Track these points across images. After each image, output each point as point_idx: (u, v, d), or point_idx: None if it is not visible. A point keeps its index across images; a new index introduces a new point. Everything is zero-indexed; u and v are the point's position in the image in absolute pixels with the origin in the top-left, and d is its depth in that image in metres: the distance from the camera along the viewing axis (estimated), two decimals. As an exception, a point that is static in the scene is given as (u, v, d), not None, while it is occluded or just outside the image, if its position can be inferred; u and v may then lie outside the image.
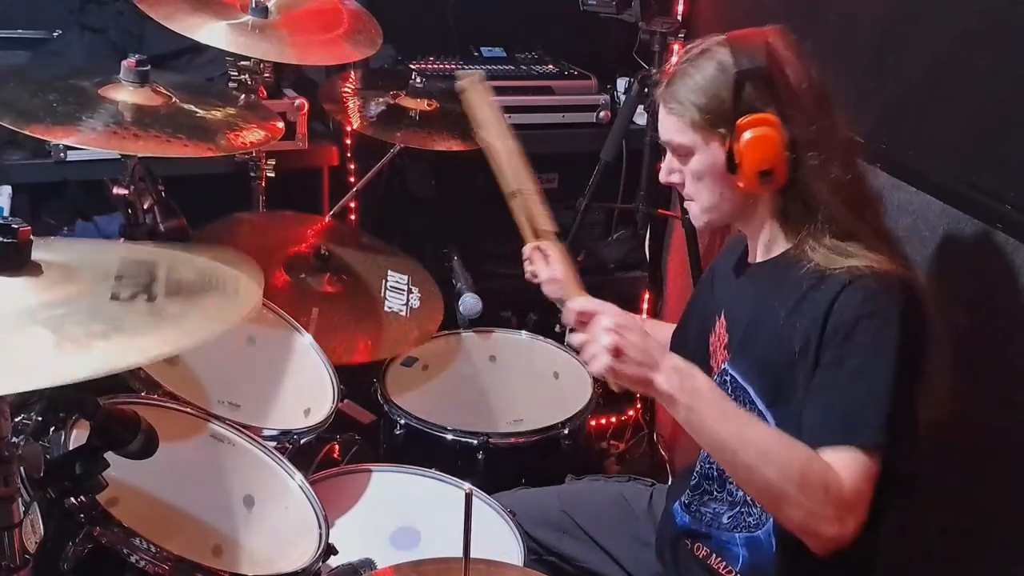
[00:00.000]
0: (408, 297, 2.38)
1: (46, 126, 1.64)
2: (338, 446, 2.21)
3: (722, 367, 1.69)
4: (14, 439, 1.20)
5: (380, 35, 2.28)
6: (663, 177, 1.66)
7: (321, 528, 1.64)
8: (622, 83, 2.97)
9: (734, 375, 1.64)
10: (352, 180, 2.74)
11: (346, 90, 2.51)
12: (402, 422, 2.18)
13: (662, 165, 1.67)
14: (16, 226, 1.10)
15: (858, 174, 1.56)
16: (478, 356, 2.51)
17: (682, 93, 1.55)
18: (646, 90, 2.61)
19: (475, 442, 2.12)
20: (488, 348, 2.48)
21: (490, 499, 1.89)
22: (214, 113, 1.88)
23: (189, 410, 1.74)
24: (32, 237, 1.13)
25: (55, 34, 2.68)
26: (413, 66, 2.79)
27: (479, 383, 2.50)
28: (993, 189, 1.70)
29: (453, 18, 2.95)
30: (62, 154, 2.40)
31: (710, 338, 1.75)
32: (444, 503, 1.92)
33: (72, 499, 1.38)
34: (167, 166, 1.94)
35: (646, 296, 3.06)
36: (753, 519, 1.64)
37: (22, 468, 1.20)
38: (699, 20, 2.82)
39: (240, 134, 1.85)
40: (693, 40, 1.61)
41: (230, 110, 1.94)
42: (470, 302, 2.33)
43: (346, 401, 2.15)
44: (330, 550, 1.62)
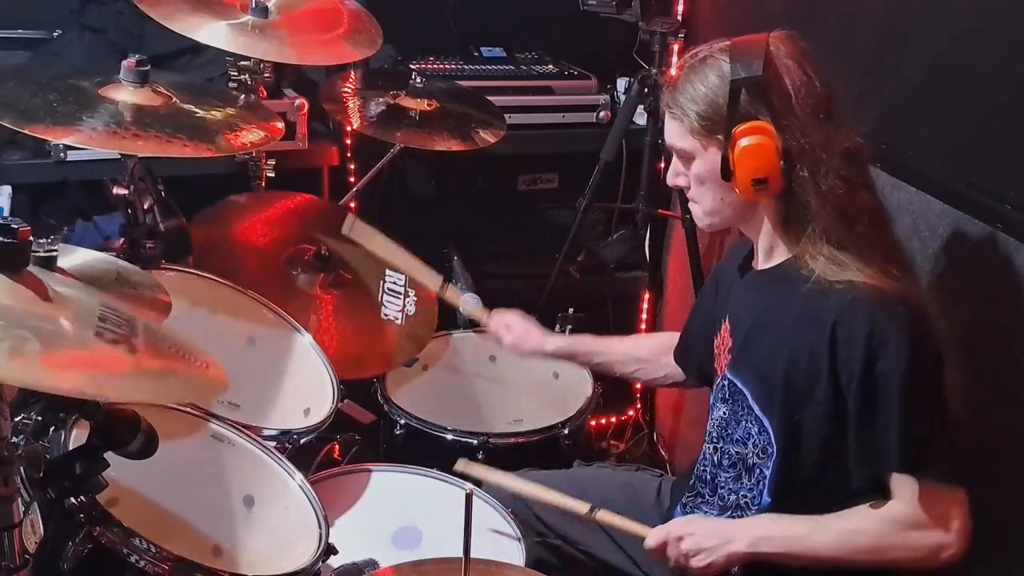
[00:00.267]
0: (404, 302, 2.37)
1: (46, 126, 1.64)
2: (338, 446, 2.21)
3: (723, 372, 1.70)
4: (14, 439, 1.20)
5: (380, 35, 2.27)
6: (670, 180, 1.69)
7: (321, 528, 1.64)
8: (622, 83, 2.97)
9: (732, 380, 1.66)
10: (352, 180, 2.74)
11: (346, 90, 2.51)
12: (402, 422, 2.18)
13: (669, 168, 1.69)
14: (16, 226, 1.10)
15: (855, 184, 1.53)
16: (478, 356, 2.51)
17: (683, 99, 1.57)
18: (646, 90, 2.61)
19: (475, 442, 2.13)
20: (488, 348, 2.48)
21: (491, 499, 1.89)
22: (214, 113, 1.88)
23: (189, 410, 1.74)
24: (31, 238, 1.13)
25: (55, 34, 2.68)
26: (413, 66, 2.78)
27: (479, 383, 2.50)
28: (993, 189, 1.70)
29: (453, 18, 2.94)
30: (62, 154, 2.39)
31: (715, 341, 1.76)
32: (445, 503, 1.92)
33: (72, 499, 1.38)
34: (167, 166, 1.94)
35: (646, 296, 3.06)
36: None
37: (22, 468, 1.20)
38: (699, 20, 2.81)
39: (240, 134, 1.85)
40: (693, 40, 1.61)
41: (230, 110, 1.94)
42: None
43: (346, 401, 2.15)
44: (330, 550, 1.62)
